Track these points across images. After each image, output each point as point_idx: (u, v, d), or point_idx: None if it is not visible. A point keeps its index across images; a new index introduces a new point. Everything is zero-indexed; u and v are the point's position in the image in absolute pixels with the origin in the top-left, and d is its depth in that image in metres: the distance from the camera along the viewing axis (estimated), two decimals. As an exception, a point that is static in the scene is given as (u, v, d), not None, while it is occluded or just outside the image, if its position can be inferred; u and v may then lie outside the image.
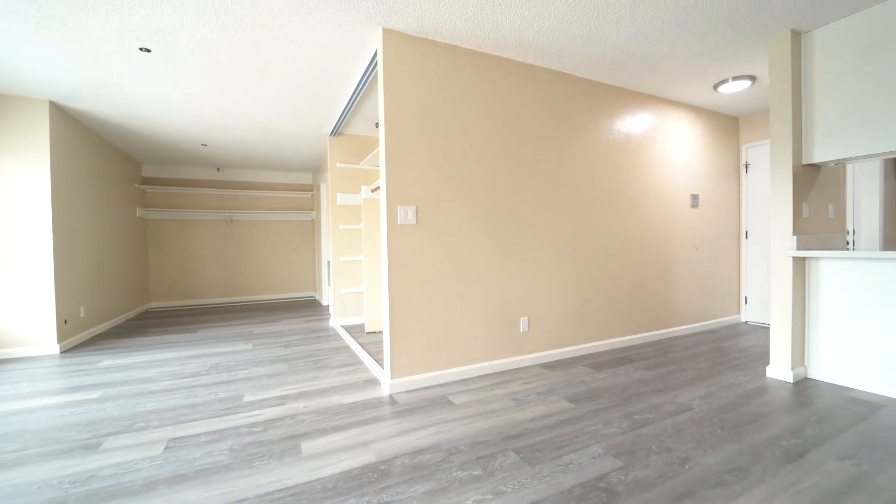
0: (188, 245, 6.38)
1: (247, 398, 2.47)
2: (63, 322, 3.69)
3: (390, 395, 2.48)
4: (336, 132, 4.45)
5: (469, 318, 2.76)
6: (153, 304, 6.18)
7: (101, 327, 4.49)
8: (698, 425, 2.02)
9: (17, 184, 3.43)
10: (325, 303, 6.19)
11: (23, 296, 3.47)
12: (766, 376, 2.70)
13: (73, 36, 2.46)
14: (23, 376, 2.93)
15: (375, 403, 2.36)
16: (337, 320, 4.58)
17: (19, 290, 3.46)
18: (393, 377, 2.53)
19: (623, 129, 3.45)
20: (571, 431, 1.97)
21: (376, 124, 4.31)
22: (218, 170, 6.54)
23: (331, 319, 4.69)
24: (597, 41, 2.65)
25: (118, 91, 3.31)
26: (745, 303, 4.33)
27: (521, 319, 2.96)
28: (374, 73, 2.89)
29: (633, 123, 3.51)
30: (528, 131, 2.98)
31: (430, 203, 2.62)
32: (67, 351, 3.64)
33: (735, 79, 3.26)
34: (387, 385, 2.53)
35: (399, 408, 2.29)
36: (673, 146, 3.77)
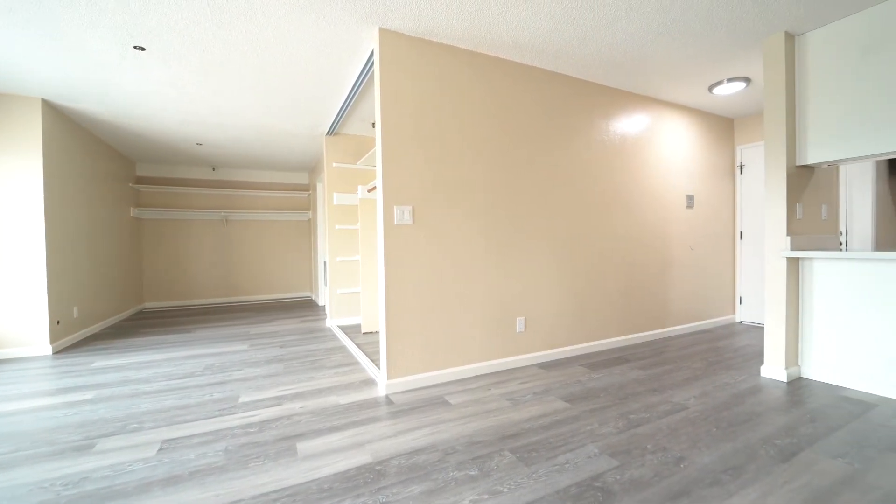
0: (183, 245, 6.34)
1: (242, 399, 2.46)
2: (56, 322, 3.65)
3: (387, 396, 2.47)
4: (332, 132, 4.43)
5: (466, 318, 2.76)
6: (147, 305, 6.13)
7: (95, 328, 4.45)
8: (693, 425, 2.03)
9: (9, 183, 3.39)
10: (321, 303, 6.17)
11: (15, 296, 3.43)
12: (760, 376, 2.72)
13: (66, 33, 2.44)
14: (14, 377, 2.90)
15: (372, 404, 2.36)
16: (333, 321, 4.57)
17: (11, 291, 3.42)
18: (389, 377, 2.52)
19: (619, 130, 3.46)
20: (567, 431, 1.98)
21: (373, 124, 4.30)
22: (213, 169, 6.50)
23: (327, 320, 4.67)
24: (593, 42, 2.65)
25: (112, 89, 3.29)
26: (740, 303, 4.36)
27: (518, 319, 2.97)
28: (370, 73, 2.88)
29: (629, 124, 3.52)
30: (524, 132, 2.98)
31: (427, 203, 2.61)
32: (60, 352, 3.61)
33: (730, 80, 3.29)
34: (383, 385, 2.52)
35: (395, 408, 2.29)
36: (668, 147, 3.79)
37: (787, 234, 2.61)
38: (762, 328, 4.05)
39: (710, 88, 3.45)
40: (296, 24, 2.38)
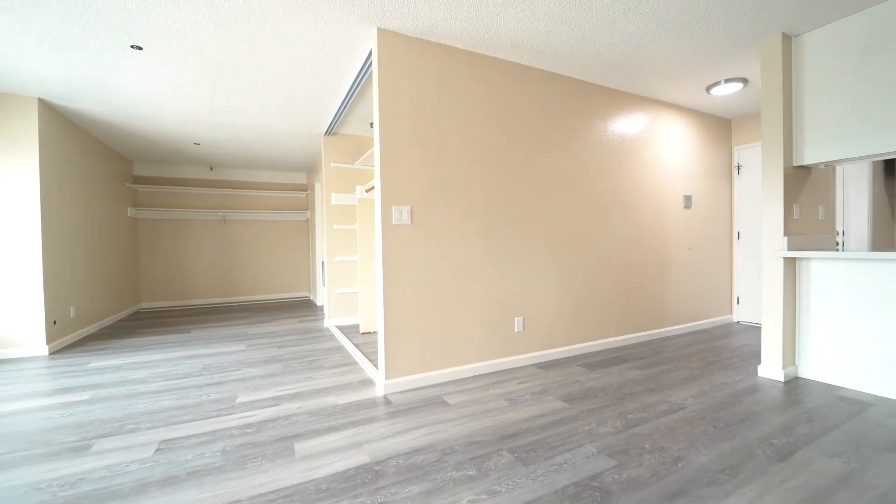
0: (181, 245, 6.32)
1: (240, 399, 2.45)
2: (52, 323, 3.63)
3: (385, 396, 2.47)
4: (331, 132, 4.43)
5: (464, 318, 2.76)
6: (145, 305, 6.11)
7: (92, 328, 4.43)
8: (691, 424, 2.03)
9: (5, 183, 3.38)
10: (319, 303, 6.16)
11: (11, 296, 3.41)
12: (757, 375, 2.73)
13: (63, 32, 2.43)
14: (10, 378, 2.88)
15: (370, 404, 2.36)
16: (331, 321, 4.56)
17: (7, 291, 3.40)
18: (388, 378, 2.52)
19: (617, 131, 3.47)
20: (565, 431, 1.98)
21: (371, 124, 4.30)
22: (211, 169, 6.49)
23: (325, 320, 4.66)
24: (591, 43, 2.66)
25: (109, 89, 3.28)
26: (738, 303, 4.37)
27: (516, 319, 2.97)
28: (368, 73, 2.88)
29: (627, 125, 3.53)
30: (523, 132, 2.99)
31: (425, 203, 2.61)
32: (56, 352, 3.59)
33: (727, 81, 3.30)
34: (381, 385, 2.52)
35: (394, 408, 2.29)
36: (666, 148, 3.80)
37: (785, 235, 2.62)
38: (759, 328, 4.06)
39: (708, 89, 3.46)
40: (294, 24, 2.37)
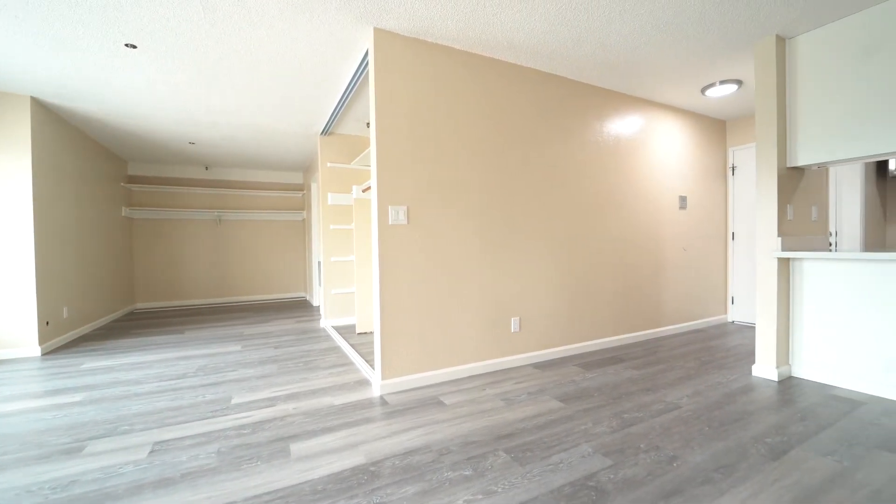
0: (176, 245, 6.28)
1: (235, 400, 2.44)
2: (45, 323, 3.60)
3: (381, 396, 2.46)
4: (327, 131, 4.42)
5: (460, 318, 2.76)
6: (139, 305, 6.06)
7: (85, 329, 4.39)
8: (686, 424, 2.04)
9: (-4, 182, 3.35)
10: (315, 303, 6.14)
11: (2, 297, 3.37)
12: (751, 375, 2.75)
13: (56, 30, 2.41)
14: (2, 379, 2.85)
15: (366, 404, 2.35)
16: (328, 321, 4.55)
17: (-1, 291, 3.37)
18: (384, 378, 2.52)
19: (613, 132, 3.48)
20: (562, 431, 1.99)
21: (367, 124, 4.29)
22: (206, 168, 6.45)
23: (321, 320, 4.65)
24: (587, 44, 2.67)
25: (103, 88, 3.25)
26: (732, 303, 4.40)
27: (513, 320, 2.97)
28: (365, 73, 2.88)
29: (623, 126, 3.55)
30: (519, 133, 2.99)
31: (422, 203, 2.61)
32: (49, 353, 3.55)
33: (722, 82, 3.32)
34: (378, 386, 2.52)
35: (390, 409, 2.28)
36: (662, 149, 3.82)
37: (779, 235, 2.64)
38: (754, 328, 4.09)
39: (703, 90, 3.48)
40: (290, 23, 2.36)
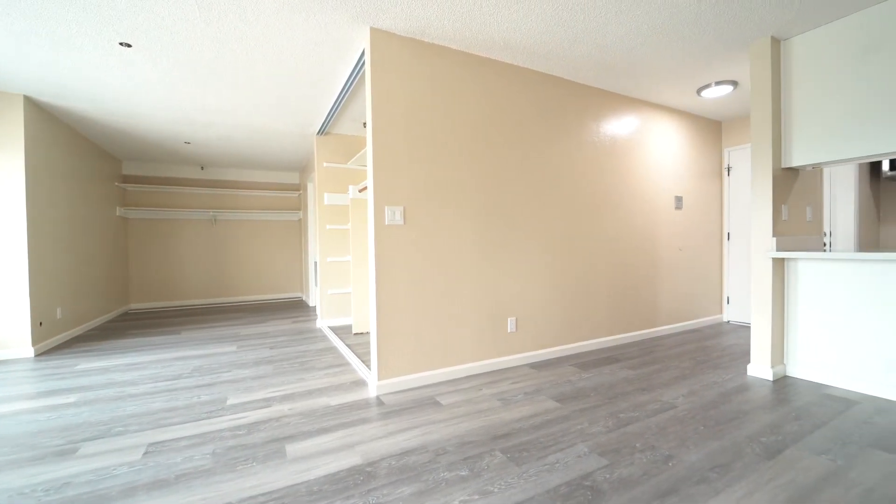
0: (171, 245, 6.25)
1: (230, 401, 2.43)
2: (38, 324, 3.57)
3: (377, 397, 2.46)
4: (323, 131, 4.40)
5: (457, 318, 2.76)
6: (134, 306, 6.02)
7: (79, 329, 4.35)
8: (682, 423, 2.05)
9: (-11, 181, 3.31)
10: (311, 304, 6.12)
11: (-5, 297, 3.35)
12: (747, 374, 2.76)
13: (50, 29, 2.38)
14: (-6, 380, 2.83)
15: (362, 405, 2.34)
16: (324, 321, 4.54)
17: (-9, 291, 3.34)
18: (380, 378, 2.51)
19: (609, 132, 3.49)
20: (558, 431, 1.99)
21: (364, 124, 4.28)
22: (202, 168, 6.41)
23: (318, 320, 4.64)
24: (583, 44, 2.67)
25: (97, 87, 3.22)
26: (728, 303, 4.42)
27: (509, 320, 2.98)
28: (361, 73, 2.87)
29: (619, 126, 3.56)
30: (517, 133, 2.99)
31: (418, 203, 2.61)
32: (42, 354, 3.52)
33: (718, 83, 3.34)
34: (374, 386, 2.51)
35: (386, 409, 2.28)
36: (658, 149, 3.83)
37: (773, 235, 2.66)
38: (749, 328, 4.11)
39: (699, 91, 3.49)
40: (286, 23, 2.35)
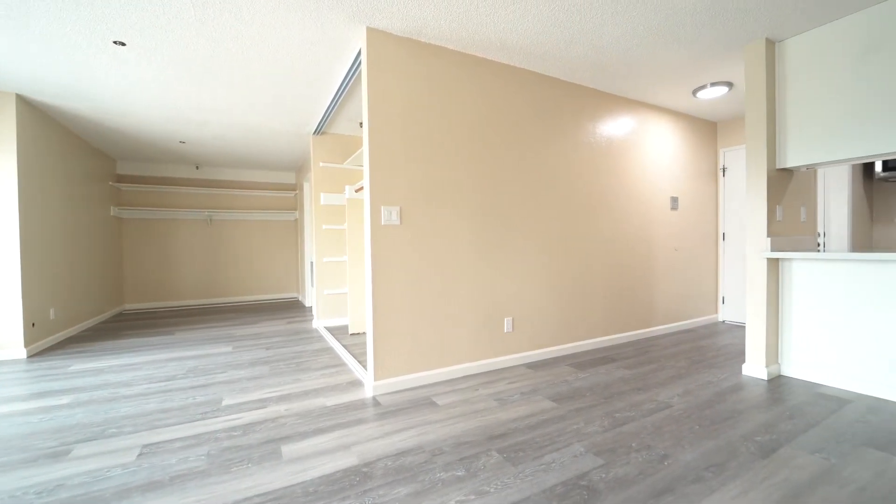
0: (166, 245, 6.21)
1: (226, 402, 2.41)
2: (31, 325, 3.53)
3: (374, 397, 2.45)
4: (319, 131, 4.39)
5: (453, 318, 2.76)
6: (128, 306, 5.98)
7: (72, 330, 4.32)
8: (677, 423, 2.06)
9: (-19, 180, 3.28)
10: (308, 304, 6.10)
11: (-13, 297, 3.31)
12: (741, 374, 2.78)
13: (43, 27, 2.36)
14: (-14, 382, 2.80)
15: (359, 405, 2.34)
16: (320, 322, 4.52)
17: (-17, 292, 3.30)
18: (377, 379, 2.51)
19: (605, 133, 3.50)
20: (554, 431, 1.99)
21: (360, 124, 4.27)
22: (197, 168, 6.38)
23: (314, 321, 4.62)
24: (580, 45, 2.68)
25: (91, 85, 3.20)
26: (723, 303, 4.45)
27: (506, 320, 2.98)
28: (358, 72, 2.86)
29: (616, 127, 3.57)
30: (514, 133, 3.00)
31: (415, 204, 2.61)
32: (35, 355, 3.49)
33: (713, 85, 3.35)
34: (370, 387, 2.50)
35: (382, 409, 2.27)
36: (653, 150, 3.85)
37: (768, 236, 2.68)
38: (744, 327, 4.14)
39: (694, 92, 3.51)
40: (282, 22, 2.35)
